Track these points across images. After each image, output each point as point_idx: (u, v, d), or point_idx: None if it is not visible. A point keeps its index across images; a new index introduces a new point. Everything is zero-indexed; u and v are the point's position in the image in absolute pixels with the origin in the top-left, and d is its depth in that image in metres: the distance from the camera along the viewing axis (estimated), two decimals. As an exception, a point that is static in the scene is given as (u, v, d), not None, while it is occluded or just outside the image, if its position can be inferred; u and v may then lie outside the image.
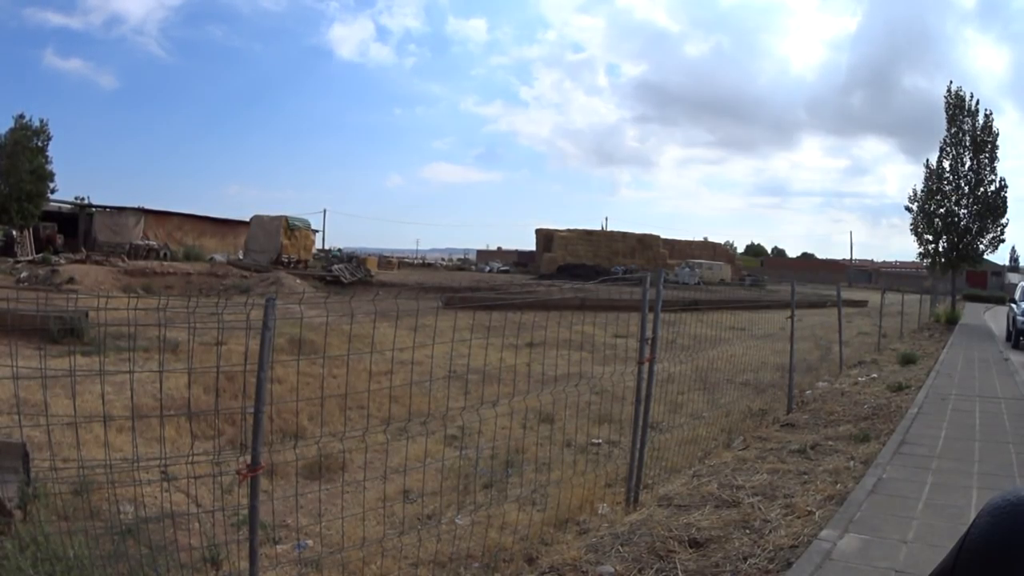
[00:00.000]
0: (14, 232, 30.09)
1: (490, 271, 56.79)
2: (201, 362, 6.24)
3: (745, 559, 3.65)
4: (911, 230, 24.77)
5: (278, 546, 4.64)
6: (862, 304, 27.25)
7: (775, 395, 8.80)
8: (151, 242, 35.12)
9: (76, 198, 37.79)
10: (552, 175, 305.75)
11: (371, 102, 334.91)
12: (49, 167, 29.50)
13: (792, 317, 8.30)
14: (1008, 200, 23.48)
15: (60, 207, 36.08)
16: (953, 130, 23.95)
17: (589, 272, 42.22)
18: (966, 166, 23.90)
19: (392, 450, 5.46)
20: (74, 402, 3.50)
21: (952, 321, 23.08)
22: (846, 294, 14.26)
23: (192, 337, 3.40)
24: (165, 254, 32.89)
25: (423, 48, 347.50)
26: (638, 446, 4.87)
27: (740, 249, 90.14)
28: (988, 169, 23.63)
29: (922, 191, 24.56)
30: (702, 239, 70.06)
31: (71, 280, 21.39)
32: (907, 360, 12.27)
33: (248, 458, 3.12)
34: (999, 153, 23.52)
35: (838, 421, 7.33)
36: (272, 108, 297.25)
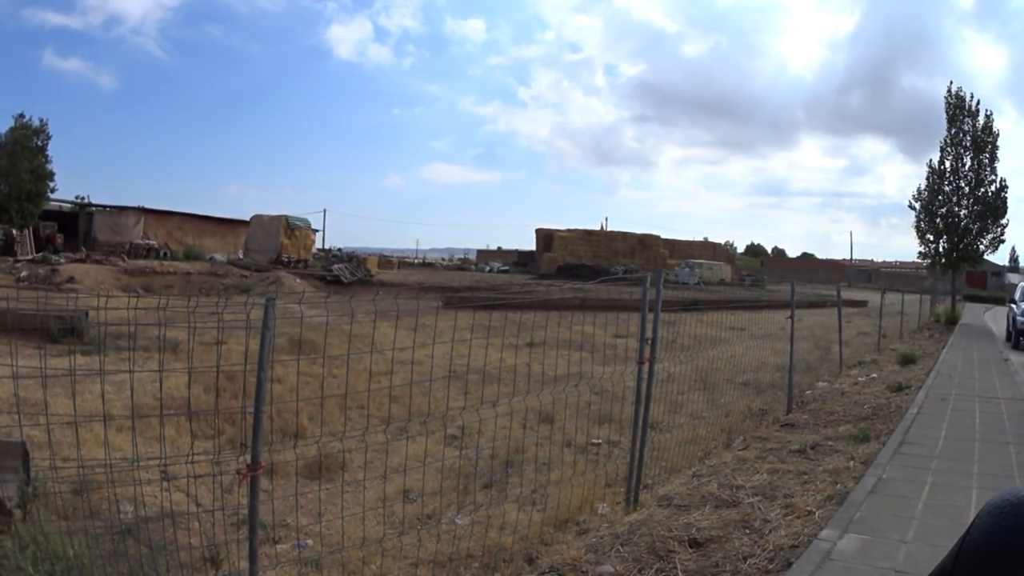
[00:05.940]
0: (14, 231, 30.08)
1: (490, 271, 56.74)
2: (201, 362, 6.24)
3: (745, 559, 3.65)
4: (914, 228, 24.83)
5: (278, 546, 4.64)
6: (862, 304, 27.29)
7: (775, 395, 8.81)
8: (151, 242, 35.11)
9: (76, 197, 37.77)
10: (551, 175, 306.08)
11: (370, 102, 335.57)
12: (49, 166, 29.48)
13: (792, 317, 8.31)
14: (1008, 200, 23.56)
15: (60, 206, 36.05)
16: (953, 131, 23.95)
17: (589, 272, 42.21)
18: (966, 166, 23.91)
19: (392, 450, 5.46)
20: (74, 401, 3.50)
21: (952, 321, 23.09)
22: (846, 294, 14.26)
23: (192, 337, 3.39)
24: (165, 253, 32.87)
25: (421, 48, 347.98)
26: (638, 446, 4.87)
27: (740, 249, 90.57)
28: (988, 169, 23.64)
29: (925, 190, 24.60)
30: (702, 239, 70.20)
31: (71, 279, 21.38)
32: (907, 360, 12.26)
33: (248, 458, 3.12)
34: (999, 153, 23.60)
35: (838, 421, 7.33)
36: (271, 108, 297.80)
